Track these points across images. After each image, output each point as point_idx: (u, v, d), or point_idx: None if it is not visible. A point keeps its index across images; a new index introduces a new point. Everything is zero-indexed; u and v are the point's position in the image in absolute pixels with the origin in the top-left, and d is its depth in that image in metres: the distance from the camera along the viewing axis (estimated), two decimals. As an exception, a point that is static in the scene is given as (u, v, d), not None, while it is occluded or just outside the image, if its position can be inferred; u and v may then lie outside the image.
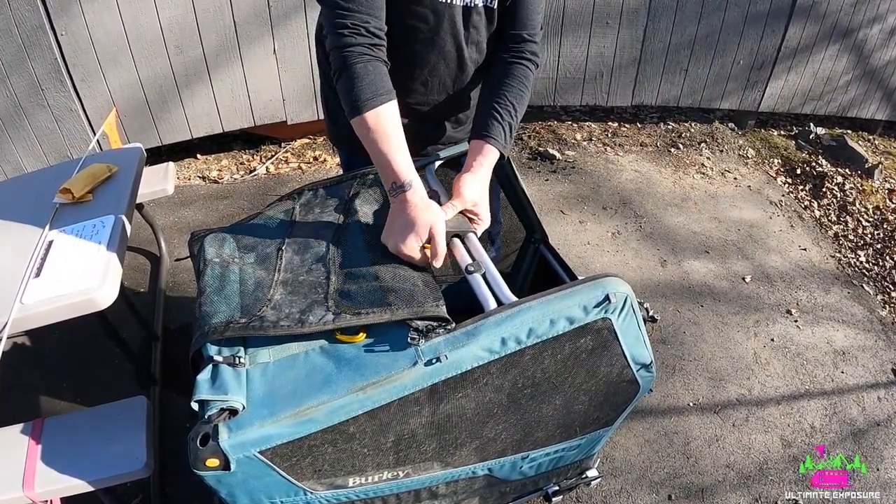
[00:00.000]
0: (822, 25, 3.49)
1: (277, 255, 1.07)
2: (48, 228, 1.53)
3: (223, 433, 0.81)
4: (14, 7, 2.57)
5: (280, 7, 2.88)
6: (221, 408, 0.82)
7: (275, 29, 2.93)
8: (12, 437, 1.38)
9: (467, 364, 0.92)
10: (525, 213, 1.43)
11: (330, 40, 1.05)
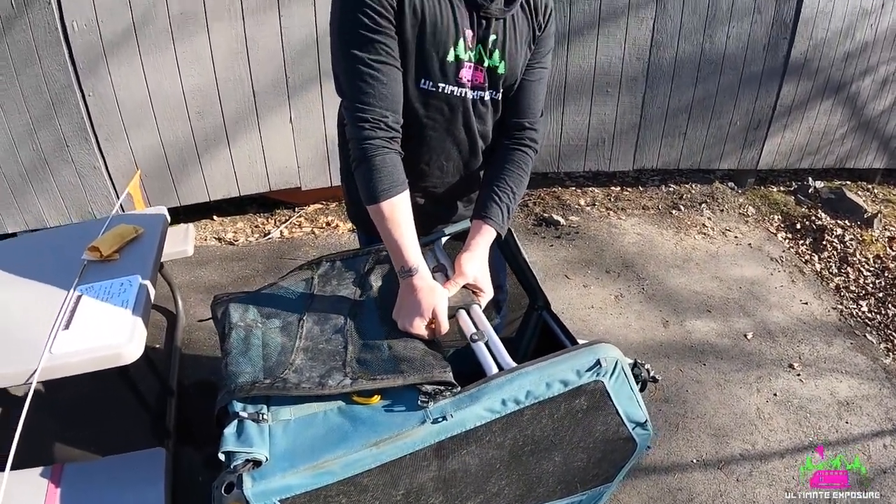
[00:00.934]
0: (815, 82, 3.70)
1: (298, 324, 1.20)
2: (77, 283, 1.67)
3: (247, 482, 0.92)
4: (45, 66, 2.82)
5: (297, 79, 3.11)
6: (246, 459, 0.94)
7: (291, 99, 3.16)
8: (32, 480, 1.48)
9: (471, 423, 1.03)
10: (528, 281, 1.56)
11: (350, 131, 1.19)
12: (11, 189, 3.06)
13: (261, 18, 2.94)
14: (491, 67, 1.26)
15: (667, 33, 3.37)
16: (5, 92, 2.85)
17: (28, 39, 2.76)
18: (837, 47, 3.62)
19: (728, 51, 3.47)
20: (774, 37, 3.48)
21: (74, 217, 3.19)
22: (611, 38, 3.35)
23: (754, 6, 3.38)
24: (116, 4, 2.78)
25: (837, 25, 3.55)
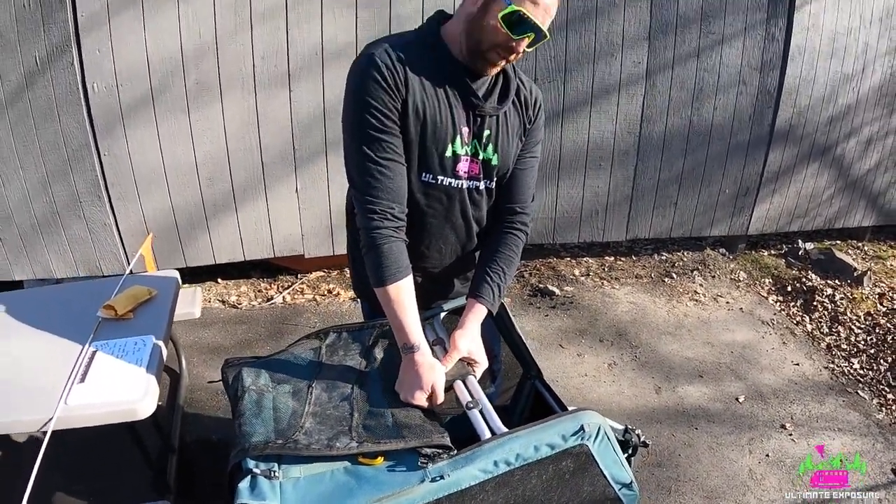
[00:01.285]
0: (800, 147, 3.90)
1: (308, 391, 1.33)
2: (92, 339, 1.78)
3: None
4: (64, 123, 3.01)
5: (304, 151, 3.31)
6: None
7: (298, 170, 3.35)
8: None
9: (466, 482, 1.14)
10: (521, 352, 1.68)
11: (360, 220, 1.34)
12: (22, 238, 3.22)
13: (272, 92, 3.16)
14: (485, 160, 1.42)
15: (656, 108, 3.59)
16: (24, 145, 3.03)
17: (49, 96, 2.97)
18: (821, 112, 3.84)
19: (715, 122, 3.69)
20: (760, 106, 3.71)
21: (82, 271, 3.32)
22: (603, 113, 3.57)
23: (739, 78, 3.62)
24: (136, 70, 3.00)
25: (820, 92, 3.78)
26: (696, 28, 3.45)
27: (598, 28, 3.37)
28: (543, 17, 1.25)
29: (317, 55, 3.15)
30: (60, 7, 2.83)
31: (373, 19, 3.16)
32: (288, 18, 3.06)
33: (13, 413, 1.53)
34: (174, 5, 2.92)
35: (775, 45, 3.57)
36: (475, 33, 1.27)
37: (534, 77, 3.41)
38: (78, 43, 2.91)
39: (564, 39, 3.38)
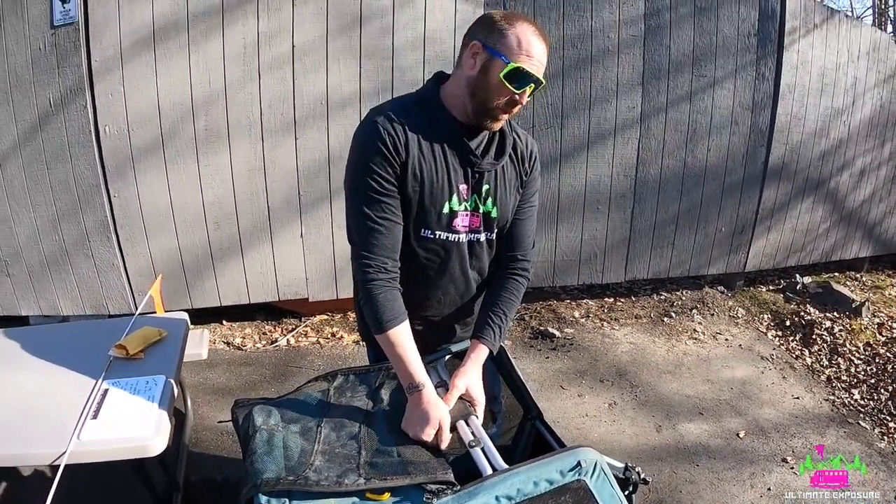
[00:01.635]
0: (794, 183, 4.03)
1: (317, 430, 1.40)
2: (104, 377, 1.85)
3: None
4: (76, 164, 3.13)
5: (309, 197, 3.43)
6: None
7: (303, 216, 3.46)
8: None
9: (469, 517, 1.20)
10: (521, 394, 1.76)
11: (357, 273, 1.45)
12: (30, 275, 3.30)
13: (279, 140, 3.30)
14: (486, 213, 1.51)
15: (651, 151, 3.73)
16: (35, 183, 3.15)
17: (62, 137, 3.10)
18: (813, 147, 3.98)
19: (709, 162, 3.83)
20: (752, 145, 3.86)
21: (89, 309, 3.39)
22: (599, 158, 3.70)
23: (731, 119, 3.77)
24: (148, 115, 3.14)
25: (811, 128, 3.92)
26: (687, 71, 3.62)
27: (592, 75, 3.53)
28: (539, 68, 1.35)
29: (322, 104, 3.30)
30: (75, 51, 2.98)
31: (376, 70, 3.32)
32: (294, 69, 3.21)
33: (27, 446, 1.59)
34: (185, 54, 3.08)
35: (766, 84, 3.73)
36: (480, 93, 1.37)
37: (531, 124, 3.56)
38: (91, 86, 3.05)
39: (561, 87, 3.53)
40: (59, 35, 2.97)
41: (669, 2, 3.49)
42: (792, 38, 3.67)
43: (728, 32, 3.59)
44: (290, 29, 3.17)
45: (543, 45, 1.35)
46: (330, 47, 3.24)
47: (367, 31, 3.25)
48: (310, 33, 3.20)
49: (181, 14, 3.02)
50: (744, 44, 3.63)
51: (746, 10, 3.59)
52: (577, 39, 3.47)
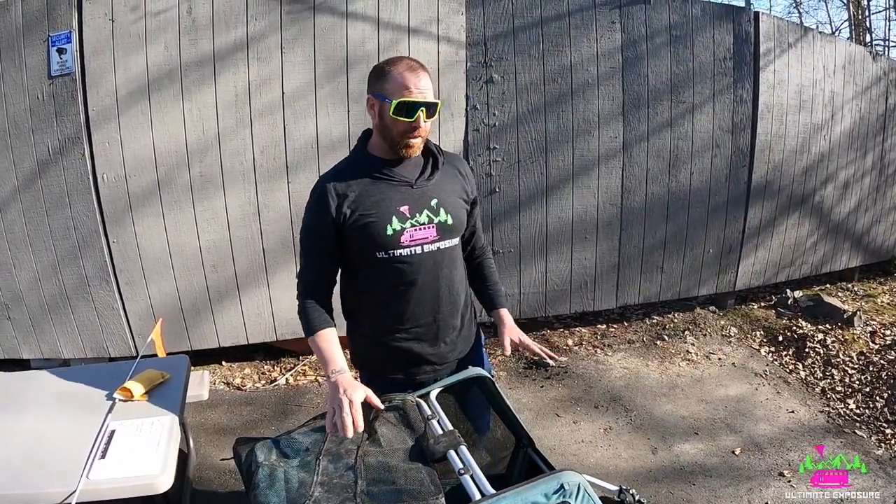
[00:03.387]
0: (778, 199, 4.15)
1: (315, 463, 1.51)
2: (110, 419, 1.95)
3: None
4: (75, 210, 3.28)
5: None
6: None
7: (297, 256, 3.54)
8: None
9: (459, 540, 1.30)
10: (512, 424, 1.87)
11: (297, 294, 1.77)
12: (31, 318, 3.42)
13: (272, 184, 3.44)
14: (440, 222, 1.73)
15: (635, 178, 3.87)
16: (35, 230, 3.29)
17: (61, 184, 3.24)
18: (795, 164, 4.12)
19: (693, 186, 3.97)
20: (734, 166, 4.00)
21: (89, 352, 3.50)
22: (585, 188, 3.84)
23: (712, 142, 3.91)
24: (143, 163, 3.28)
25: (792, 145, 4.07)
26: (666, 99, 3.78)
27: (574, 108, 3.70)
28: (424, 94, 1.60)
29: (312, 148, 3.45)
30: (72, 101, 3.14)
31: (364, 113, 3.45)
32: (285, 114, 3.38)
33: (38, 486, 1.68)
34: (179, 103, 3.24)
35: (744, 106, 3.89)
36: (386, 133, 1.66)
37: (517, 159, 3.72)
38: (89, 135, 3.20)
39: (544, 121, 3.69)
40: (57, 85, 3.14)
41: (645, 32, 3.67)
42: (767, 58, 3.84)
43: (704, 58, 3.76)
44: (280, 76, 3.33)
45: (419, 75, 1.60)
46: (319, 93, 3.40)
47: (354, 76, 3.41)
48: (299, 80, 3.36)
49: (174, 64, 3.19)
50: (720, 68, 3.80)
51: (721, 35, 3.77)
52: (558, 74, 3.64)
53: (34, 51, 3.09)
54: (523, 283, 3.95)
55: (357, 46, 3.39)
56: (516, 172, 3.75)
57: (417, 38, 3.46)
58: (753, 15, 3.81)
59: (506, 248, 3.87)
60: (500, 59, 3.58)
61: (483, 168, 3.71)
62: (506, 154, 3.71)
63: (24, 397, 2.13)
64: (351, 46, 3.38)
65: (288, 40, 3.30)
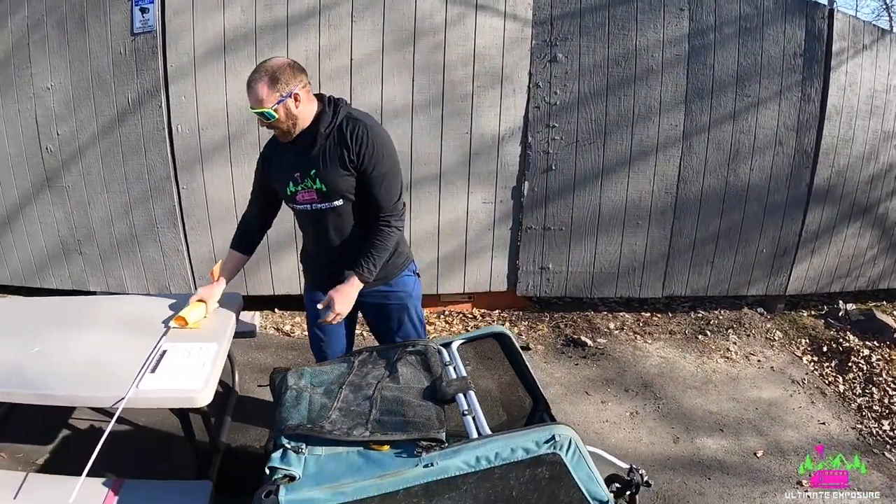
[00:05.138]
0: (840, 207, 4.07)
1: (338, 391, 1.73)
2: (164, 341, 2.21)
3: (282, 492, 1.39)
4: (149, 157, 3.62)
5: None
6: (284, 475, 1.41)
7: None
8: (95, 486, 1.95)
9: (452, 471, 1.48)
10: (531, 387, 2.02)
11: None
12: (101, 254, 3.82)
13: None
14: (318, 189, 2.13)
15: (693, 169, 3.89)
16: (111, 173, 3.66)
17: (138, 133, 3.59)
18: (861, 171, 4.02)
19: (752, 182, 3.94)
20: (797, 167, 3.94)
21: (153, 290, 3.87)
22: (641, 174, 3.89)
23: (776, 139, 3.87)
24: (216, 118, 3.58)
25: (860, 150, 3.97)
26: (731, 91, 3.76)
27: (636, 93, 3.74)
28: (255, 104, 2.02)
29: (376, 113, 3.64)
30: (153, 57, 3.46)
31: (428, 84, 3.65)
32: (352, 81, 3.60)
33: (95, 391, 1.96)
34: (252, 64, 3.42)
35: (811, 105, 3.82)
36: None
37: (575, 139, 3.82)
38: (167, 89, 3.52)
39: (605, 104, 3.76)
40: (139, 41, 3.45)
41: (714, 22, 3.66)
42: (840, 58, 3.74)
43: (773, 53, 3.71)
44: (350, 43, 3.54)
45: (251, 89, 2.01)
46: (385, 61, 3.59)
47: (420, 48, 3.58)
48: (367, 48, 3.56)
49: (249, 27, 3.44)
50: (789, 64, 3.74)
51: (792, 30, 3.70)
52: (622, 58, 3.68)
53: (118, 9, 3.41)
54: (571, 262, 4.07)
55: (425, 18, 3.55)
56: (573, 152, 3.84)
57: (484, 14, 3.59)
58: (828, 12, 3.72)
59: (557, 225, 3.98)
60: (565, 39, 3.66)
61: (541, 145, 3.82)
62: (564, 133, 3.81)
63: (91, 318, 2.43)
64: (419, 18, 3.54)
65: (358, 9, 3.49)
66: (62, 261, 3.88)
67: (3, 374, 2.03)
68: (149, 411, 2.92)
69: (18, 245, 3.87)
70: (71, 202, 3.74)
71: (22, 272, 3.93)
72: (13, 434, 2.79)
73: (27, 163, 3.68)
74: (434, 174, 3.82)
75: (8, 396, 2.05)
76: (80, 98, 3.55)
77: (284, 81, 2.02)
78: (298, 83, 2.05)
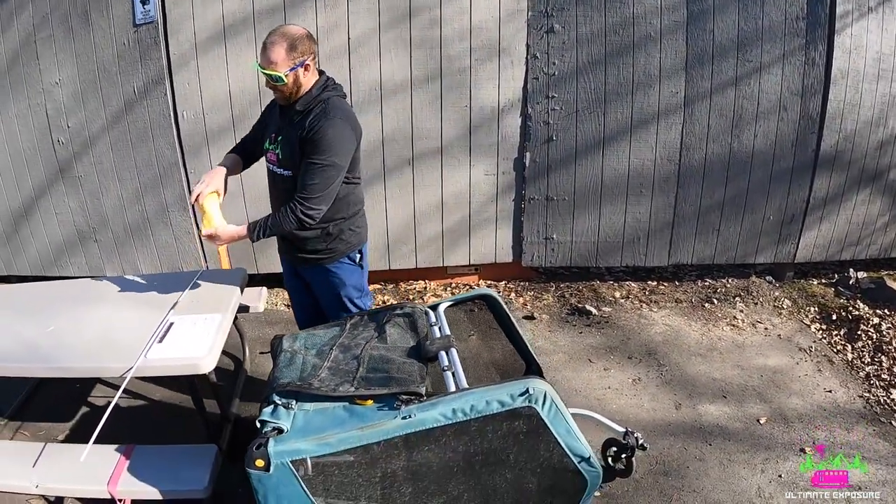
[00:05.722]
0: (848, 173, 4.04)
1: (329, 352, 1.86)
2: (171, 314, 2.37)
3: (271, 443, 1.51)
4: (157, 144, 3.79)
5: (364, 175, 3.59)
6: (273, 428, 1.53)
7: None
8: (108, 452, 2.15)
9: (430, 423, 1.59)
10: (522, 350, 2.12)
11: None
12: (115, 240, 4.02)
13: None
14: (277, 153, 2.34)
15: (695, 136, 3.90)
16: (122, 161, 3.83)
17: (145, 120, 3.75)
18: (870, 136, 3.98)
19: (756, 149, 3.94)
20: (802, 132, 3.92)
21: (166, 270, 4.06)
22: (643, 142, 3.92)
23: (779, 104, 3.85)
24: (220, 101, 3.72)
25: (867, 115, 3.93)
26: (732, 56, 3.76)
27: (635, 61, 3.76)
28: (267, 65, 2.17)
29: (376, 90, 3.75)
30: (155, 46, 3.59)
31: (426, 59, 3.72)
32: (350, 59, 3.69)
33: (105, 362, 2.12)
34: (252, 48, 3.61)
35: (816, 69, 3.79)
36: None
37: (575, 109, 3.87)
38: (171, 77, 3.67)
39: (604, 73, 3.79)
40: (141, 32, 3.59)
41: (713, -14, 3.65)
42: (844, 21, 3.70)
43: (775, 17, 3.69)
44: (346, 23, 3.63)
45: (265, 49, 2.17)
46: (382, 39, 3.67)
47: (417, 24, 3.65)
48: (363, 26, 3.64)
49: (247, 11, 3.56)
50: (791, 28, 3.71)
51: (794, -8, 3.68)
52: (619, 26, 3.70)
53: (120, 2, 3.55)
54: (576, 232, 4.14)
55: (420, -6, 3.62)
56: (574, 122, 3.89)
57: (479, -13, 3.64)
58: (831, -27, 3.69)
59: (560, 195, 4.05)
60: (561, 9, 3.69)
61: (541, 116, 3.88)
62: (564, 103, 3.85)
63: (103, 295, 2.60)
64: (414, -6, 3.61)
65: (353, -12, 3.58)
66: (78, 248, 4.07)
67: (21, 351, 2.21)
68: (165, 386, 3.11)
69: (35, 235, 4.06)
70: (84, 191, 3.92)
71: (40, 262, 4.13)
72: (35, 413, 2.99)
73: (40, 155, 3.86)
74: (435, 148, 3.91)
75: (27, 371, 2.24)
76: (87, 90, 3.71)
77: (301, 51, 2.18)
78: (311, 54, 2.22)
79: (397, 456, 1.59)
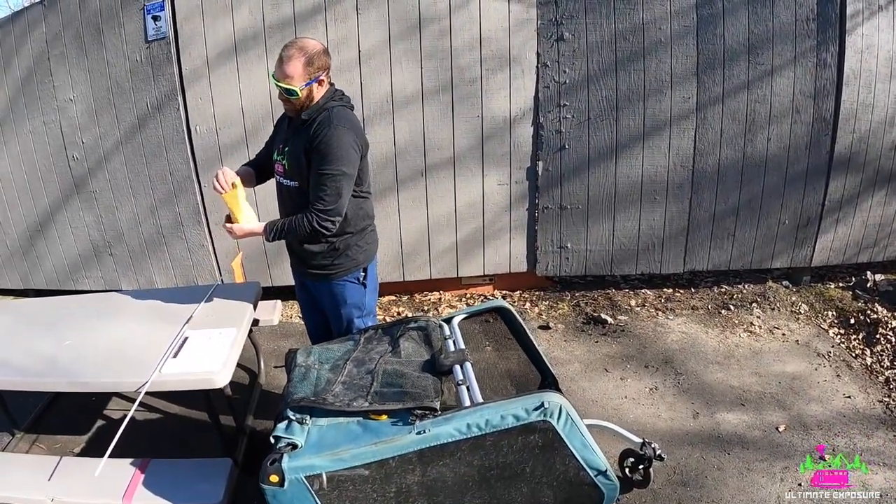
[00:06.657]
0: (864, 174, 3.99)
1: (343, 366, 1.86)
2: (186, 329, 2.39)
3: (285, 459, 1.51)
4: (171, 158, 3.83)
5: (377, 187, 3.88)
6: (287, 443, 1.54)
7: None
8: (123, 466, 2.16)
9: (444, 438, 1.58)
10: (537, 361, 2.12)
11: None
12: (130, 255, 4.06)
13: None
14: (284, 165, 2.36)
15: (709, 141, 3.88)
16: (136, 176, 3.88)
17: (159, 136, 3.80)
18: (884, 137, 3.93)
19: (770, 152, 3.91)
20: (816, 134, 3.89)
21: (181, 284, 4.09)
22: (655, 149, 3.91)
23: (792, 107, 3.82)
24: (232, 116, 3.76)
25: (881, 115, 3.88)
26: (743, 60, 3.74)
27: (645, 67, 3.75)
28: (283, 78, 2.18)
29: (387, 102, 3.78)
30: (167, 62, 3.64)
31: (436, 70, 3.74)
32: (361, 72, 3.72)
33: (120, 376, 2.14)
34: (263, 63, 3.64)
35: (828, 71, 3.76)
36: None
37: (587, 116, 3.86)
38: (183, 92, 3.71)
39: (615, 80, 3.78)
40: (153, 48, 3.64)
41: (723, -10, 3.64)
42: (855, 21, 3.67)
43: (785, 18, 3.67)
44: (356, 35, 3.66)
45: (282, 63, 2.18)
46: (393, 51, 3.70)
47: (427, 35, 3.67)
48: (374, 39, 3.67)
49: (258, 27, 3.60)
50: (802, 29, 3.68)
51: (804, -7, 3.66)
52: (629, 32, 3.70)
53: (131, 19, 3.61)
54: (590, 241, 4.13)
55: (429, 6, 3.64)
56: (586, 130, 3.89)
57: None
58: (840, -27, 3.66)
59: (573, 203, 4.04)
60: (570, 17, 3.70)
61: (553, 125, 3.88)
62: (576, 111, 3.85)
63: (119, 310, 2.63)
64: (423, 6, 3.64)
65: (363, 1, 3.60)
66: (94, 263, 4.12)
67: (39, 366, 2.24)
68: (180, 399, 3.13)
69: (52, 250, 4.12)
70: (99, 206, 3.97)
71: (56, 276, 4.19)
72: (51, 426, 3.02)
73: (55, 171, 3.93)
74: (448, 159, 3.92)
75: (45, 385, 2.27)
76: (101, 107, 3.77)
77: (317, 66, 2.21)
78: (326, 70, 2.25)
79: (412, 471, 1.59)
